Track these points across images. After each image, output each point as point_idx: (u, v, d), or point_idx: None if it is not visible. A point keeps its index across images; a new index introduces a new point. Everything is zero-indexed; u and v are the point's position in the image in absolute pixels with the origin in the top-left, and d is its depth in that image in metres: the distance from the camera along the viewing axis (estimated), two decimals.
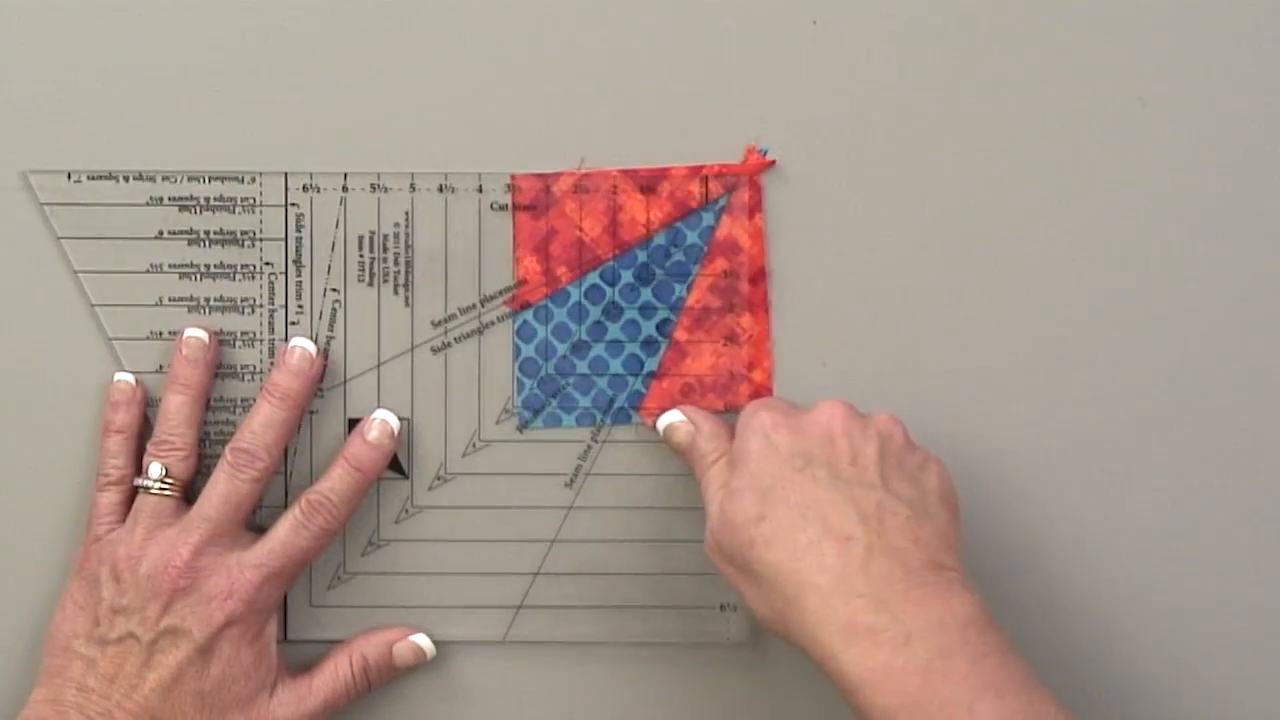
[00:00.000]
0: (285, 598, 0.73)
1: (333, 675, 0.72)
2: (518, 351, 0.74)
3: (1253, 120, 0.74)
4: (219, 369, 0.74)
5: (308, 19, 0.73)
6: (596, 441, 0.74)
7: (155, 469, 0.71)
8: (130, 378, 0.73)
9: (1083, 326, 0.74)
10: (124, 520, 0.71)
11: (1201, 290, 0.74)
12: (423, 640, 0.73)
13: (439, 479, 0.74)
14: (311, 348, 0.72)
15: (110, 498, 0.72)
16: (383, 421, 0.72)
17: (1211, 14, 0.73)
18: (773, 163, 0.74)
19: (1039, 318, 0.74)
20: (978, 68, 0.73)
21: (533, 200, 0.74)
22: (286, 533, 0.71)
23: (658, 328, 0.75)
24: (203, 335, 0.72)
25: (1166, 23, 0.73)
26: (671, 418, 0.73)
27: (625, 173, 0.74)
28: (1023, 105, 0.73)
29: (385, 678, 0.73)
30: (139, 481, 0.71)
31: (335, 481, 0.72)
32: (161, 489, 0.71)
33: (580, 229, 0.74)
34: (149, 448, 0.72)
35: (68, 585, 0.71)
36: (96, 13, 0.73)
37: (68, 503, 0.73)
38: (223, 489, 0.70)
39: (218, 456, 0.72)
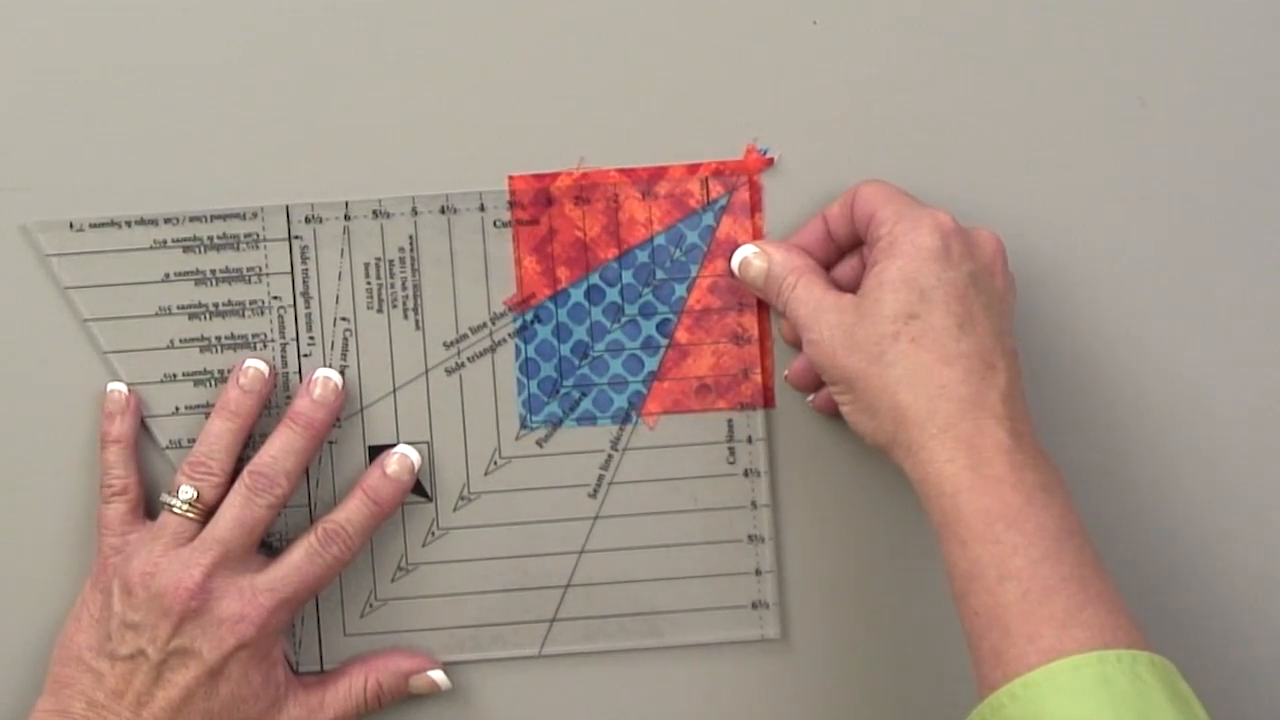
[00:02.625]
0: (319, 628, 0.74)
1: (346, 693, 0.72)
2: (519, 352, 0.74)
3: (1253, 120, 0.74)
4: None
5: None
6: (617, 450, 0.74)
7: (186, 491, 0.71)
8: (123, 387, 0.73)
9: (1083, 326, 0.74)
10: (134, 529, 0.71)
11: (1202, 290, 0.74)
12: (439, 676, 0.73)
13: (463, 499, 0.74)
14: (337, 378, 0.72)
15: (117, 509, 0.72)
16: (403, 455, 0.73)
17: (1211, 14, 0.73)
18: (772, 161, 0.73)
19: (1038, 317, 0.74)
20: (978, 68, 0.73)
21: (534, 215, 0.74)
22: (300, 559, 0.71)
23: (658, 328, 0.75)
24: (262, 367, 0.72)
25: (1166, 23, 0.73)
26: (744, 252, 0.73)
27: (625, 172, 0.74)
28: (1023, 105, 0.73)
29: (397, 702, 0.74)
30: (165, 498, 0.71)
31: (352, 512, 0.72)
32: (185, 510, 0.71)
33: (580, 229, 0.74)
34: (183, 467, 0.71)
35: (83, 596, 0.71)
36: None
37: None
38: (238, 512, 0.70)
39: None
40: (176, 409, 0.73)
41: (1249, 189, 0.74)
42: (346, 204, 0.73)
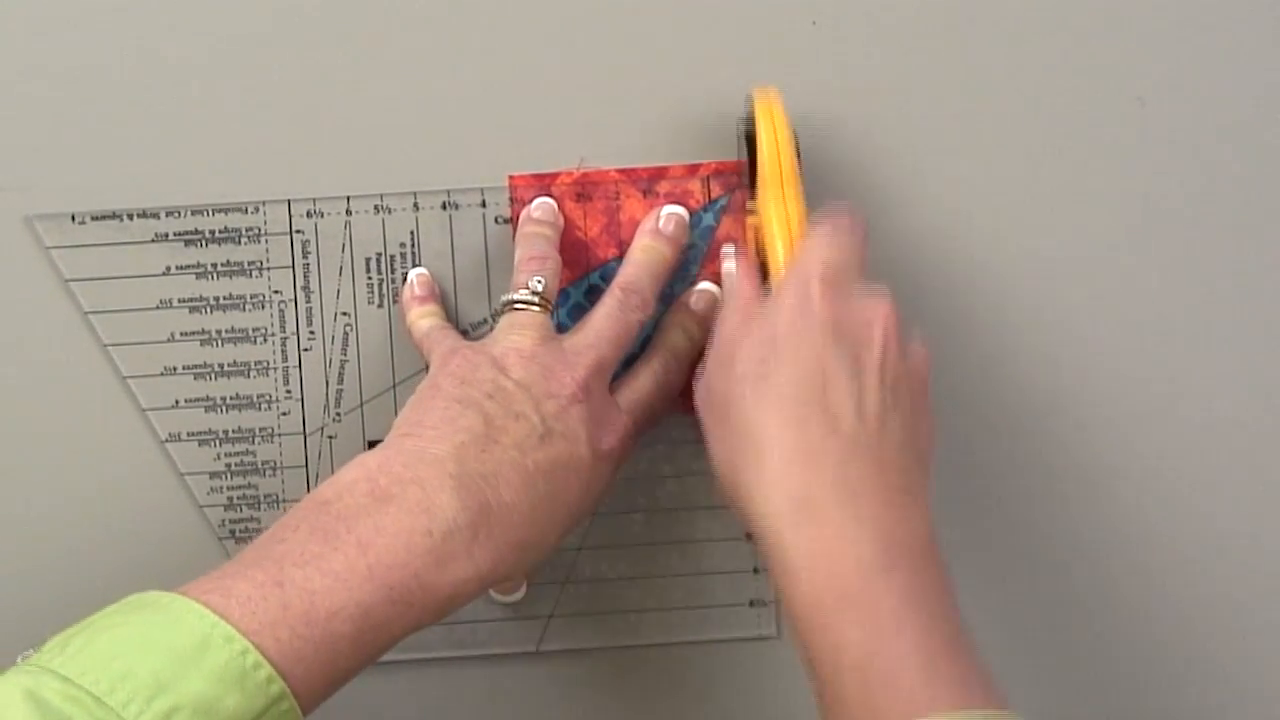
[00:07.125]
0: None
1: None
2: None
3: (1253, 120, 0.74)
4: (233, 399, 0.74)
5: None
6: None
7: (533, 282, 0.69)
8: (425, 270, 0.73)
9: (1083, 325, 0.74)
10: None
11: (1201, 289, 0.75)
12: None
13: None
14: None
15: (430, 318, 0.72)
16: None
17: (1211, 14, 0.73)
18: None
19: (1039, 317, 0.74)
20: (977, 68, 0.74)
21: None
22: (648, 380, 0.70)
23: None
24: (550, 203, 0.73)
25: (1166, 23, 0.73)
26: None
27: (625, 172, 0.74)
28: (1023, 105, 0.74)
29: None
30: (510, 296, 0.69)
31: (680, 335, 0.72)
32: (530, 300, 0.69)
33: (581, 229, 0.74)
34: (519, 266, 0.70)
35: (435, 379, 0.67)
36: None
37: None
38: (610, 324, 0.70)
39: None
40: (176, 402, 0.74)
41: (1248, 189, 0.74)
42: (348, 199, 0.74)
